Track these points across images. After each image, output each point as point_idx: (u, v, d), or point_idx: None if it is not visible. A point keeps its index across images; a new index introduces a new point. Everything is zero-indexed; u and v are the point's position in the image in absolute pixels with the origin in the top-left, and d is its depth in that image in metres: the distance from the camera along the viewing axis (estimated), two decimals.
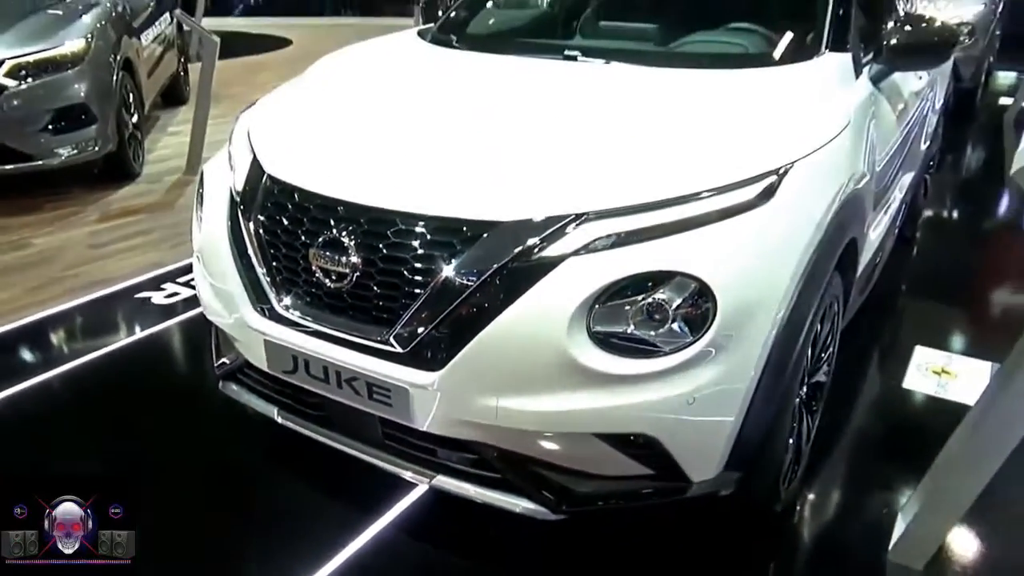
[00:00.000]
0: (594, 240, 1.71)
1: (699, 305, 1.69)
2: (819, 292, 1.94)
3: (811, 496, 2.39)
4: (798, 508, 2.32)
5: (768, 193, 1.82)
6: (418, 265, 1.80)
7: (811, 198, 1.92)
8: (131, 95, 5.30)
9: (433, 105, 2.36)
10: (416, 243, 1.81)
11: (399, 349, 1.83)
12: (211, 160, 2.47)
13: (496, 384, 1.75)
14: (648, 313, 1.69)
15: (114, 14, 5.28)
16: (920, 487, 2.24)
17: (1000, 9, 8.58)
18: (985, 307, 3.93)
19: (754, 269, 1.76)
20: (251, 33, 12.41)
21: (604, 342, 1.70)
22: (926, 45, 2.55)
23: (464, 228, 1.78)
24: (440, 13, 3.30)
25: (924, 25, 2.62)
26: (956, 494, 2.04)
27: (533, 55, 2.69)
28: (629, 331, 1.70)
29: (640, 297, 1.69)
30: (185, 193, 5.08)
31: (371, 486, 2.28)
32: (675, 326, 1.69)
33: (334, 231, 1.89)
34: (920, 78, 3.34)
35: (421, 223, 1.81)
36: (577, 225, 1.73)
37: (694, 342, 1.69)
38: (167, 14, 6.86)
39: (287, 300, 2.00)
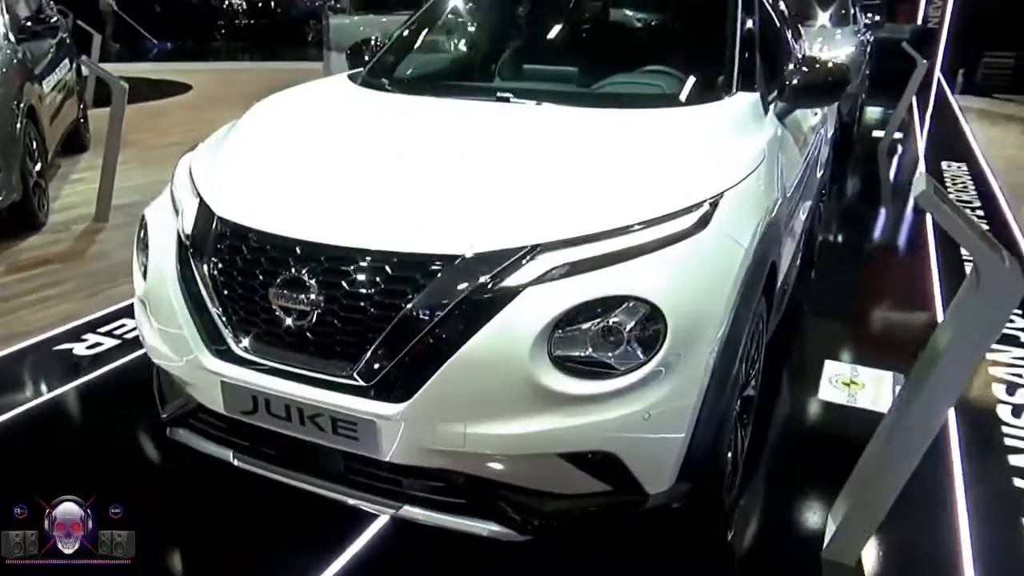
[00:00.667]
0: (550, 270, 1.83)
1: (650, 327, 1.82)
2: (751, 312, 2.10)
3: (746, 503, 2.54)
4: (736, 515, 2.47)
5: (704, 221, 1.98)
6: (380, 299, 1.87)
7: (740, 225, 2.09)
8: (35, 143, 5.13)
9: (378, 146, 2.44)
10: (377, 278, 1.87)
11: (364, 383, 1.88)
12: (152, 204, 2.46)
13: (463, 411, 1.83)
14: (604, 336, 1.81)
15: (15, 60, 5.12)
16: (845, 490, 2.42)
17: (869, 50, 9.34)
18: (879, 321, 4.27)
19: (697, 292, 1.91)
20: (150, 79, 12.11)
21: (564, 365, 1.80)
22: (823, 84, 2.80)
23: (425, 262, 1.86)
24: (367, 58, 3.39)
25: (818, 66, 2.87)
26: (879, 495, 2.21)
27: (466, 97, 2.81)
28: (587, 354, 1.81)
29: (596, 321, 1.81)
30: (97, 240, 4.94)
31: (330, 521, 2.30)
32: (629, 347, 1.81)
33: (293, 270, 1.93)
34: (815, 114, 3.65)
35: (381, 259, 1.88)
36: (532, 256, 1.84)
37: (647, 362, 1.82)
38: (67, 60, 6.68)
39: (245, 340, 2.02)
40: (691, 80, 2.79)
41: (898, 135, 8.11)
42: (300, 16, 20.07)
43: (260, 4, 21.11)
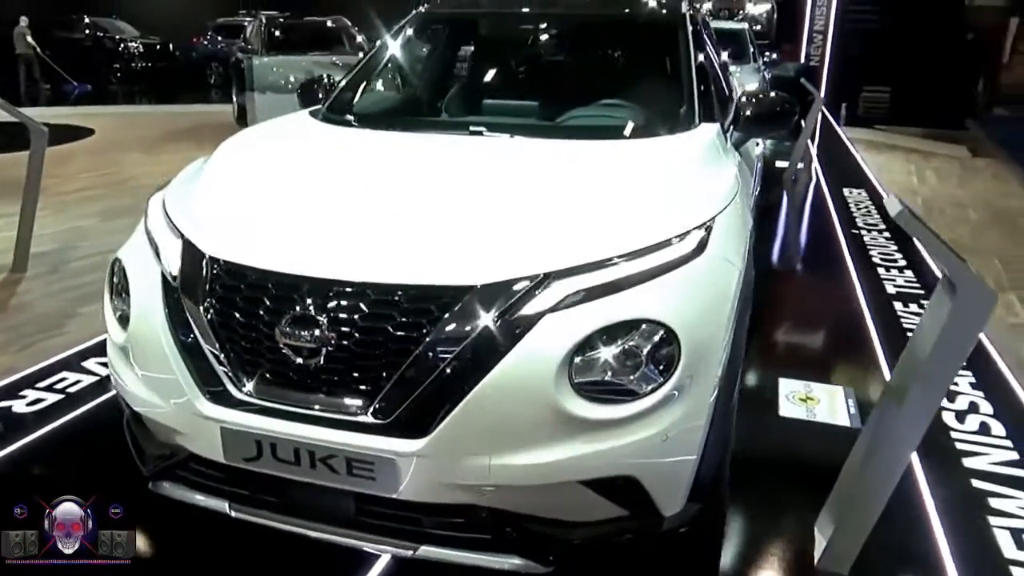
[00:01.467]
0: (565, 297, 1.85)
1: (665, 349, 1.86)
2: (744, 331, 2.18)
3: (732, 522, 2.59)
4: (728, 532, 2.52)
5: (701, 246, 2.05)
6: (396, 333, 1.84)
7: (731, 247, 2.18)
8: None
9: (365, 180, 2.42)
10: (392, 312, 1.85)
11: (381, 420, 1.84)
12: (125, 247, 2.36)
13: (487, 443, 1.81)
14: (622, 360, 1.84)
15: None
16: (829, 502, 2.52)
17: (768, 86, 9.89)
18: (819, 338, 4.46)
19: (703, 313, 1.97)
20: (51, 123, 11.55)
21: (585, 391, 1.82)
22: (774, 113, 2.95)
23: (439, 294, 1.85)
24: (321, 96, 3.36)
25: (764, 98, 3.01)
26: (868, 504, 2.31)
27: (436, 131, 2.83)
28: (607, 378, 1.84)
29: (613, 346, 1.84)
30: (17, 292, 4.65)
31: (326, 567, 2.22)
32: (647, 370, 1.85)
33: (300, 308, 1.88)
34: (757, 144, 3.83)
35: (394, 292, 1.86)
36: (545, 285, 1.86)
37: (663, 383, 1.86)
38: None
39: (248, 383, 1.95)
40: (660, 111, 2.89)
41: (800, 164, 8.56)
42: (200, 59, 19.59)
43: (158, 47, 20.49)
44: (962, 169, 10.44)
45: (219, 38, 19.20)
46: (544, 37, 3.71)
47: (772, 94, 3.07)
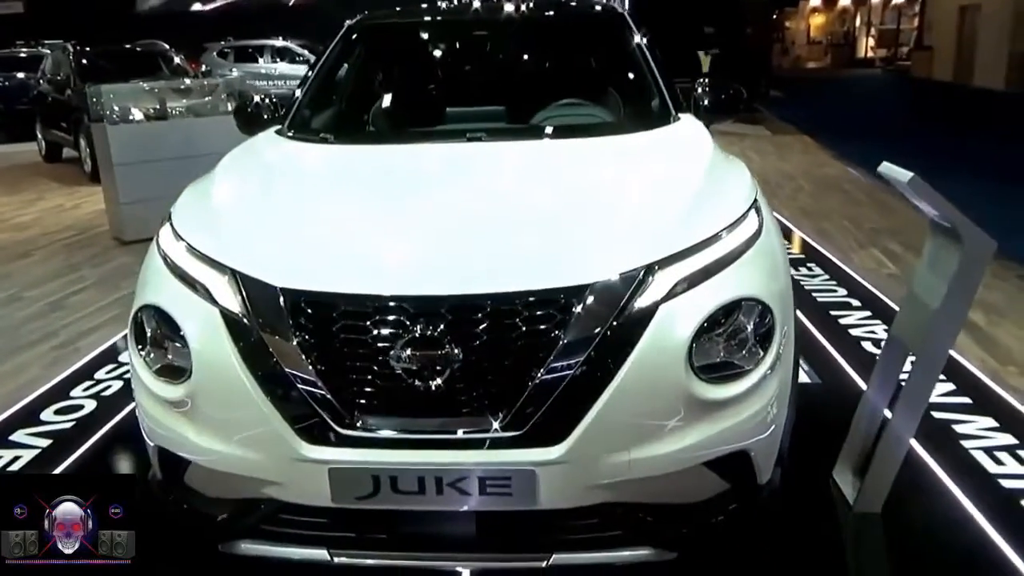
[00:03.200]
0: (675, 284, 1.90)
1: (764, 324, 1.97)
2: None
3: None
4: None
5: (760, 223, 2.17)
6: (522, 342, 1.82)
7: (772, 224, 2.32)
8: None
9: (408, 195, 2.35)
10: (515, 321, 1.82)
11: (515, 432, 1.80)
12: (147, 294, 2.11)
13: (626, 438, 1.84)
14: (732, 339, 1.92)
15: None
16: (844, 452, 2.73)
17: None
18: None
19: (779, 286, 2.11)
20: None
21: (706, 374, 1.88)
22: (727, 100, 3.14)
23: (558, 297, 1.84)
24: (266, 118, 3.16)
25: (716, 86, 3.19)
26: (894, 448, 2.54)
27: (429, 141, 2.78)
28: (721, 359, 1.91)
29: (724, 327, 1.92)
30: None
31: None
32: (752, 346, 1.94)
33: (415, 329, 1.80)
34: None
35: (513, 301, 1.83)
36: (653, 275, 1.90)
37: (765, 356, 1.96)
38: None
39: (360, 416, 1.83)
40: (646, 106, 3.01)
41: None
42: None
43: None
44: (774, 147, 11.52)
45: None
46: (494, 41, 3.71)
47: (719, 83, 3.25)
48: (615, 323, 1.83)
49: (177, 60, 11.14)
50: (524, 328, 1.82)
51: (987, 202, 5.03)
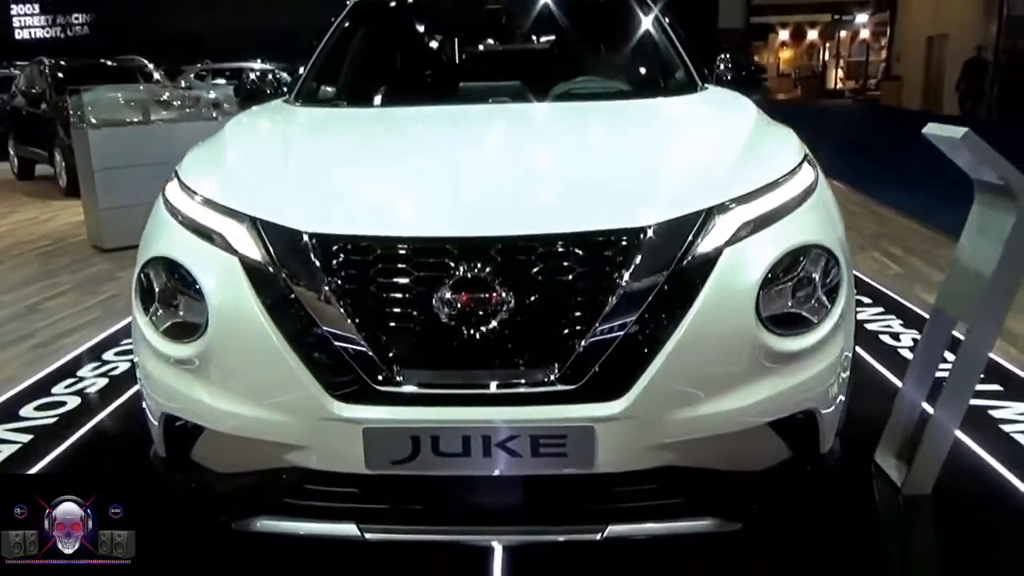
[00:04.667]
0: (739, 228, 1.75)
1: (832, 274, 1.83)
2: None
3: None
4: None
5: (816, 176, 2.04)
6: (579, 286, 1.66)
7: (824, 182, 2.19)
8: None
9: (445, 138, 2.24)
10: (572, 263, 1.66)
11: (572, 386, 1.63)
12: (153, 245, 1.92)
13: (693, 392, 1.67)
14: (800, 288, 1.78)
15: None
16: (886, 434, 2.59)
17: None
18: None
19: (840, 236, 1.97)
20: None
21: (773, 324, 1.73)
22: (749, 75, 3.06)
23: (617, 238, 1.69)
24: (268, 92, 3.01)
25: (738, 61, 3.11)
26: (945, 427, 2.40)
27: (452, 103, 2.67)
28: (789, 308, 1.77)
29: (792, 275, 1.77)
30: None
31: None
32: (820, 296, 1.80)
33: (464, 272, 1.63)
34: None
35: (568, 242, 1.67)
36: (713, 219, 1.76)
37: (832, 308, 1.82)
38: None
39: (399, 370, 1.65)
40: (674, 76, 2.94)
41: None
42: None
43: None
44: None
45: None
46: (509, 14, 3.58)
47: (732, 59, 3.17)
48: (678, 267, 1.68)
49: (157, 76, 10.93)
50: (581, 271, 1.66)
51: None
